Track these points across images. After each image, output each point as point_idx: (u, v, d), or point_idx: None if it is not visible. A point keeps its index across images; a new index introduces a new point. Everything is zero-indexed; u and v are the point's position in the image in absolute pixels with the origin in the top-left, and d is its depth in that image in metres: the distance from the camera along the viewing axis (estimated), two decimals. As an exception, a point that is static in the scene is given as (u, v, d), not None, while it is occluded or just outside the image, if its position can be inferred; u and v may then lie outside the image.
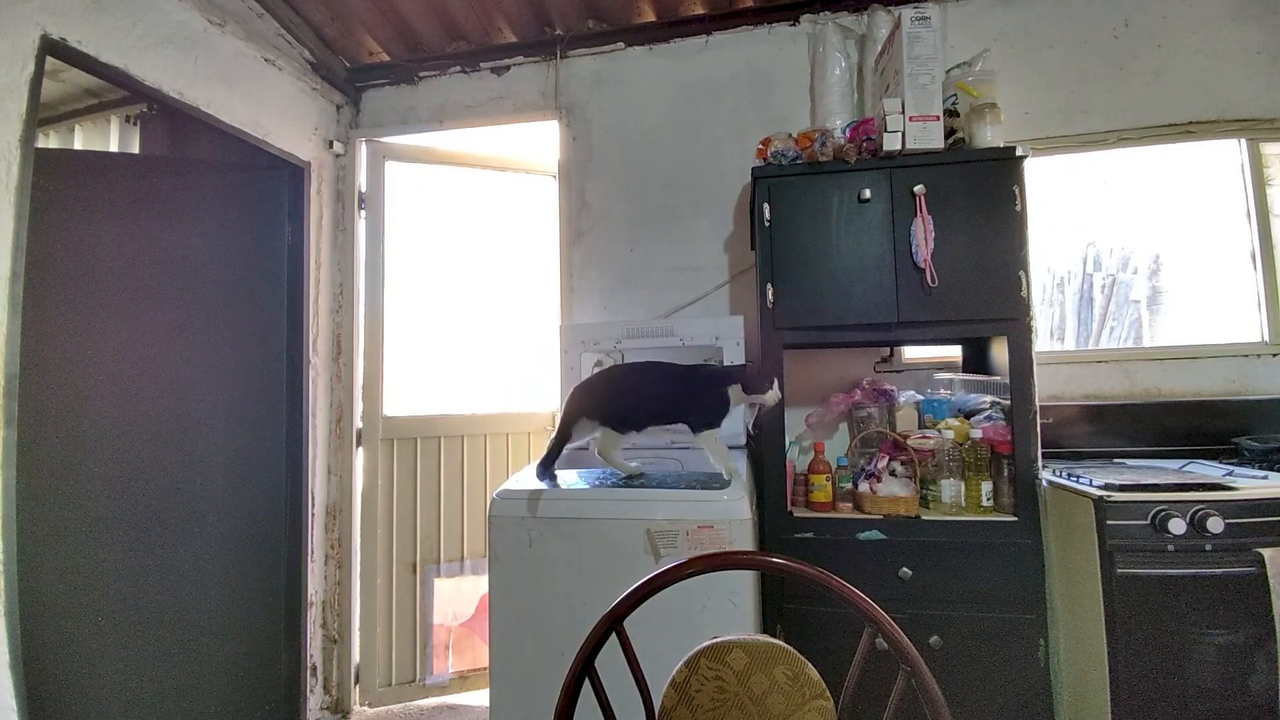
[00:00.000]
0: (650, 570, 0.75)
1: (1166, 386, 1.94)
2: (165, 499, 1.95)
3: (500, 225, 2.61)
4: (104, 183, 1.94)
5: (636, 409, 1.58)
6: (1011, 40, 2.06)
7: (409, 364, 2.52)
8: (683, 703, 0.72)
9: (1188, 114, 1.97)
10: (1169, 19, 2.00)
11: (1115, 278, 2.18)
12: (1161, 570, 1.34)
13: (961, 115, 1.70)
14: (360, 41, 2.40)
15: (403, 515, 2.41)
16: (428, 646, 2.40)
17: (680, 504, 1.42)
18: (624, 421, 1.58)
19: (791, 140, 1.77)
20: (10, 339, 1.36)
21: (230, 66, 1.98)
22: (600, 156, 2.39)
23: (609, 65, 2.40)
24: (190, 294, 2.04)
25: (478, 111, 2.49)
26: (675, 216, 2.31)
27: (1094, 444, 1.89)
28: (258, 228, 2.23)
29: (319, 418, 2.36)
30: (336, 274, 2.48)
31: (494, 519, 1.49)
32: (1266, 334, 1.94)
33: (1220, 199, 2.02)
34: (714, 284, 2.26)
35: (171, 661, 1.92)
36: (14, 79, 1.39)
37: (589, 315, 2.35)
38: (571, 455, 1.96)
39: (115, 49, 1.62)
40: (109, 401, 1.87)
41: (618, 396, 1.60)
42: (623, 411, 1.58)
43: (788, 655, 0.72)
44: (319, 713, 2.31)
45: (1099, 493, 1.40)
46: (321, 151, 2.42)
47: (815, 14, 2.19)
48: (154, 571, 1.90)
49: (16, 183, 1.38)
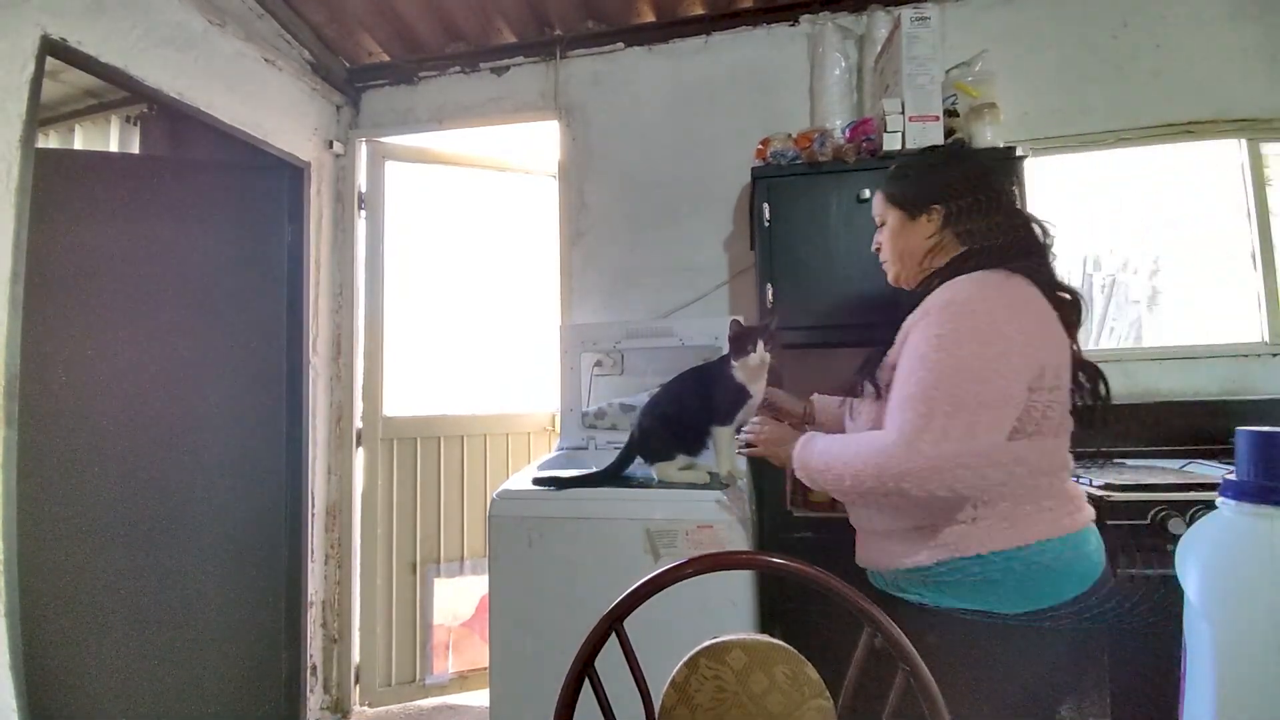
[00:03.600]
0: (650, 570, 0.75)
1: (1166, 386, 1.94)
2: (165, 499, 1.95)
3: (500, 225, 2.61)
4: (104, 183, 1.94)
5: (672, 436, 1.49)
6: (1010, 40, 2.06)
7: (409, 364, 2.52)
8: (682, 702, 0.72)
9: (1187, 114, 1.97)
10: (1168, 19, 1.99)
11: (1115, 278, 2.18)
12: (1161, 570, 1.34)
13: (961, 115, 1.70)
14: (360, 42, 2.40)
15: (403, 515, 2.41)
16: (428, 646, 2.40)
17: (680, 504, 1.42)
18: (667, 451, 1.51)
19: (791, 140, 1.78)
20: (10, 339, 1.36)
21: (230, 67, 1.98)
22: (600, 157, 2.39)
23: (608, 66, 2.40)
24: (190, 294, 2.04)
25: (477, 112, 2.49)
26: (675, 217, 2.31)
27: (1094, 444, 1.89)
28: (258, 228, 2.23)
29: (319, 418, 2.36)
30: (336, 274, 2.48)
31: (494, 519, 1.49)
32: (1266, 334, 1.94)
33: (1220, 199, 2.02)
34: (713, 284, 2.26)
35: (171, 661, 1.92)
36: (14, 79, 1.39)
37: (589, 315, 2.35)
38: (572, 455, 1.96)
39: (115, 49, 1.62)
40: (109, 402, 1.87)
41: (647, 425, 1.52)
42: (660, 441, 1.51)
43: (787, 655, 0.72)
44: (319, 712, 2.31)
45: (1099, 493, 1.41)
46: (321, 152, 2.42)
47: (814, 14, 2.19)
48: (154, 571, 1.90)
49: (16, 183, 1.38)
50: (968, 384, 0.87)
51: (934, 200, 1.04)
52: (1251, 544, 0.89)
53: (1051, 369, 0.92)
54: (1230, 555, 0.92)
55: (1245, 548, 0.90)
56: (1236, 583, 0.90)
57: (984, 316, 0.90)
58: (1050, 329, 0.94)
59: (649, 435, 1.52)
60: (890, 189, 1.10)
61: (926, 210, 1.05)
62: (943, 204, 1.04)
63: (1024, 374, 0.89)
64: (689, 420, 1.47)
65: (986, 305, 0.91)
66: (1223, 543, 0.94)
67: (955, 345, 0.89)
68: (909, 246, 1.07)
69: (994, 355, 0.88)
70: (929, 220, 1.05)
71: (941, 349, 0.89)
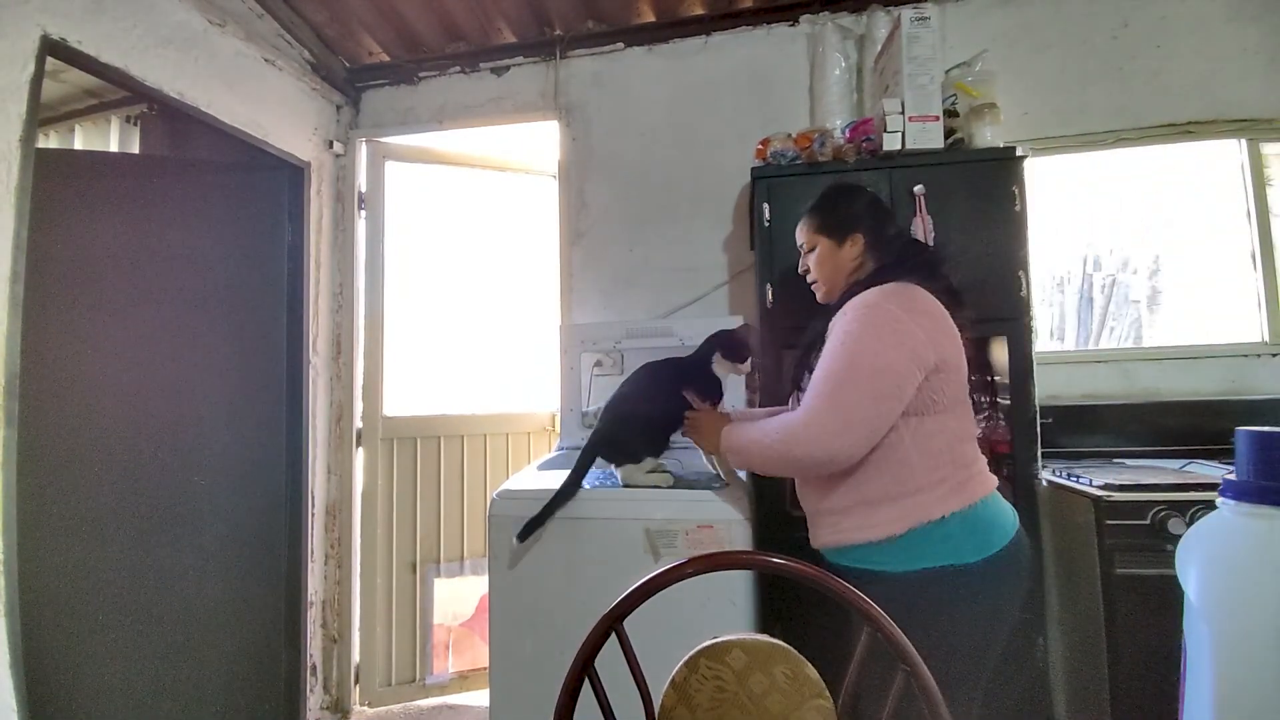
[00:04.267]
0: (650, 570, 0.75)
1: (1166, 386, 1.94)
2: (165, 499, 1.95)
3: (500, 225, 2.61)
4: (104, 183, 1.94)
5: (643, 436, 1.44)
6: (1011, 41, 2.06)
7: (409, 364, 2.52)
8: (682, 702, 0.72)
9: (1187, 114, 1.97)
10: (1168, 19, 2.00)
11: (1115, 278, 2.18)
12: (1161, 570, 1.34)
13: (961, 115, 1.70)
14: (360, 42, 2.40)
15: (403, 515, 2.41)
16: (428, 646, 2.40)
17: (680, 504, 1.42)
18: (636, 452, 1.45)
19: (791, 140, 1.77)
20: (10, 339, 1.36)
21: (230, 67, 1.98)
22: (600, 157, 2.39)
23: (608, 66, 2.40)
24: (190, 294, 2.04)
25: (477, 112, 2.49)
26: (674, 217, 2.31)
27: (1093, 444, 1.89)
28: (257, 228, 2.23)
29: (319, 418, 2.36)
30: (336, 274, 2.48)
31: (494, 519, 1.49)
32: (1266, 334, 1.94)
33: (1220, 199, 2.02)
34: (713, 284, 2.26)
35: (171, 661, 1.91)
36: (14, 79, 1.39)
37: (588, 315, 2.35)
38: (571, 455, 1.96)
39: (115, 49, 1.62)
40: (109, 401, 1.87)
41: (617, 425, 1.45)
42: (630, 442, 1.45)
43: (787, 655, 0.72)
44: (319, 712, 2.31)
45: (1098, 492, 1.41)
46: (321, 152, 2.42)
47: (815, 14, 2.18)
48: (154, 571, 1.90)
49: (17, 183, 1.38)
50: (864, 369, 1.04)
51: (855, 228, 1.22)
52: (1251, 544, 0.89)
53: (950, 358, 1.09)
54: (1230, 555, 0.92)
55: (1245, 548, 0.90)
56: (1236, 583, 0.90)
57: (884, 315, 1.07)
58: (943, 324, 1.10)
59: (616, 436, 1.45)
60: (818, 220, 1.27)
61: (851, 236, 1.22)
62: (861, 231, 1.22)
63: (918, 361, 1.05)
64: (660, 419, 1.42)
65: (887, 306, 1.08)
66: (1222, 543, 0.94)
67: (858, 339, 1.06)
68: (838, 267, 1.24)
69: (889, 346, 1.04)
70: (853, 245, 1.23)
71: (847, 341, 1.07)
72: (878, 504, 1.08)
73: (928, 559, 1.04)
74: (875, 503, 1.08)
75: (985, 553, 1.05)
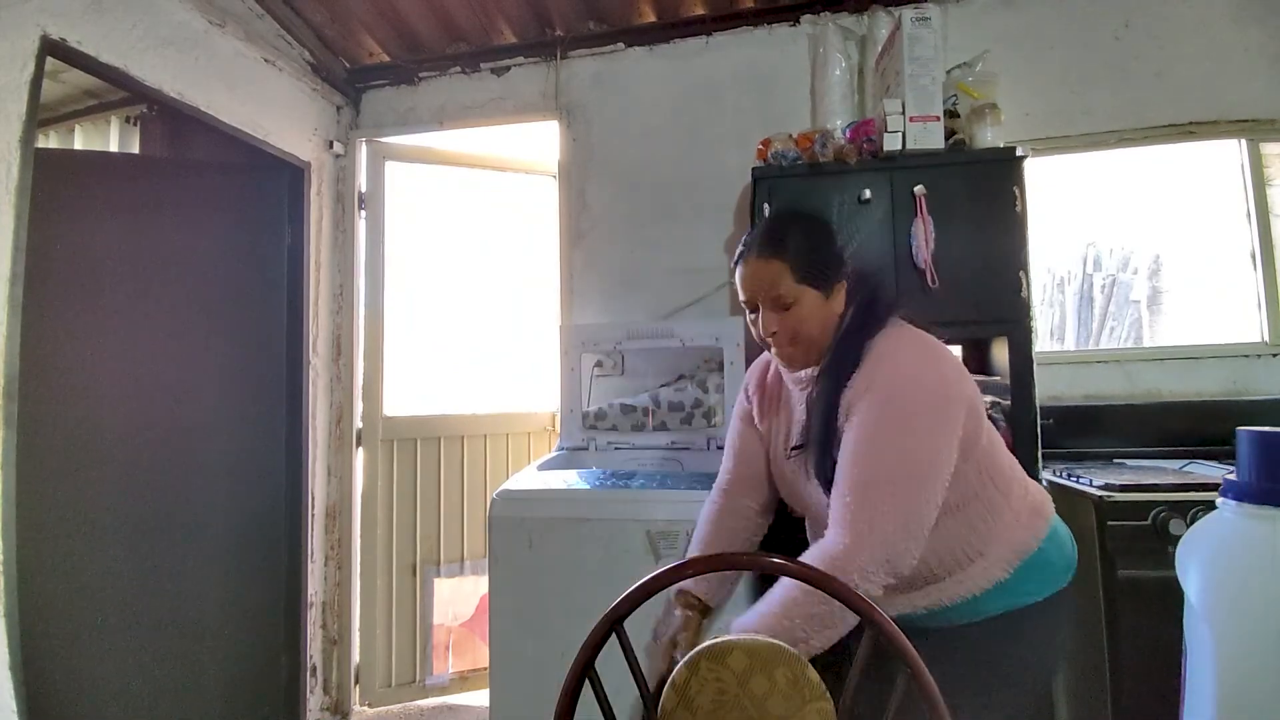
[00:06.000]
0: (650, 570, 0.75)
1: (1166, 387, 1.94)
2: (165, 500, 1.94)
3: (500, 226, 2.61)
4: (104, 183, 1.94)
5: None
6: (1012, 41, 2.06)
7: (409, 364, 2.52)
8: (682, 704, 0.72)
9: (1188, 115, 1.97)
10: (1169, 20, 1.99)
11: (1115, 278, 2.18)
12: (1162, 572, 1.34)
13: (962, 116, 1.70)
14: (360, 42, 2.40)
15: (402, 516, 2.41)
16: (428, 647, 2.40)
17: (680, 504, 1.42)
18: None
19: (792, 141, 1.77)
20: (10, 340, 1.36)
21: (230, 67, 1.98)
22: (600, 157, 2.39)
23: (609, 66, 2.40)
24: (190, 294, 2.04)
25: (478, 112, 2.49)
26: (675, 217, 2.31)
27: (1094, 444, 1.89)
28: (258, 228, 2.23)
29: (319, 418, 2.36)
30: (336, 275, 2.48)
31: (494, 519, 1.49)
32: (1266, 334, 1.94)
33: (1220, 199, 2.02)
34: (714, 285, 2.25)
35: (171, 662, 1.91)
36: (14, 79, 1.39)
37: (589, 316, 2.35)
38: (571, 456, 1.96)
39: (115, 49, 1.62)
40: (109, 402, 1.87)
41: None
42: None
43: (788, 657, 0.72)
44: (319, 713, 2.30)
45: (1099, 493, 1.40)
46: (321, 152, 2.42)
47: (816, 15, 2.18)
48: (154, 572, 1.90)
49: (16, 183, 1.38)
50: (923, 465, 0.89)
51: (840, 268, 1.03)
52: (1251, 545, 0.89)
53: (976, 402, 0.98)
54: (1230, 556, 0.92)
55: (1245, 548, 0.90)
56: (1237, 583, 0.90)
57: (928, 385, 0.93)
58: (956, 362, 1.00)
59: None
60: (802, 271, 0.99)
61: (838, 283, 1.03)
62: (842, 276, 1.03)
63: (958, 427, 0.93)
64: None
65: (927, 371, 0.95)
66: (1223, 543, 0.94)
67: (912, 431, 0.90)
68: (826, 323, 1.01)
69: (943, 430, 0.91)
70: (839, 290, 1.03)
71: (892, 428, 0.91)
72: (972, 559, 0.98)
73: (1029, 593, 0.98)
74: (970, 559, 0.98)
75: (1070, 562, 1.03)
